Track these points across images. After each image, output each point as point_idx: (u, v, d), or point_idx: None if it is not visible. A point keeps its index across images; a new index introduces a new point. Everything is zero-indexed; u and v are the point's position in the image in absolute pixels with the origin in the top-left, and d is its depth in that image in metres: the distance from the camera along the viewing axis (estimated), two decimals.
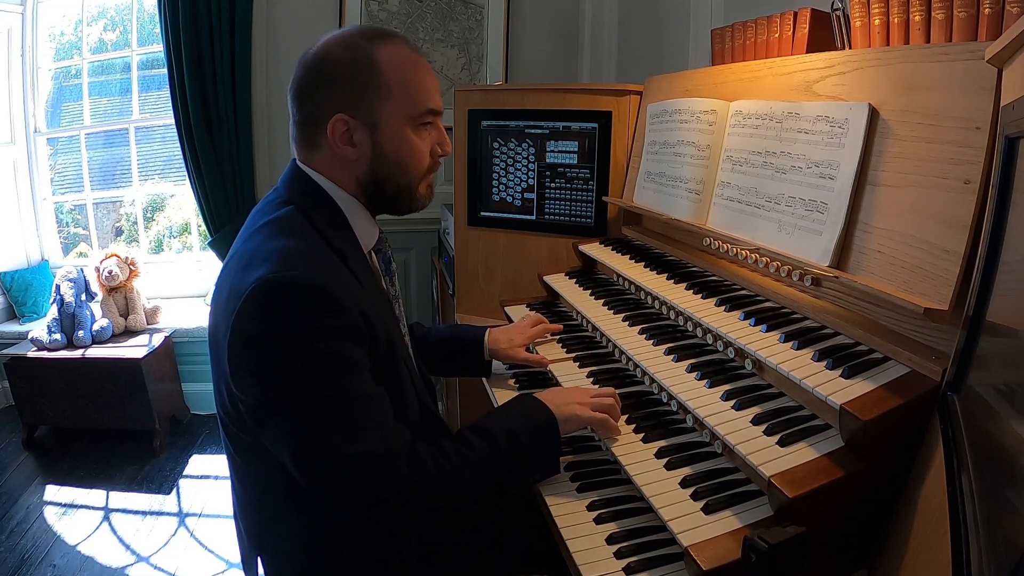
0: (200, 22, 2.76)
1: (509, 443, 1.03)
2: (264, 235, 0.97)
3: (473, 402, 2.02)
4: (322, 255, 0.96)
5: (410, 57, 1.01)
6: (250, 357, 0.90)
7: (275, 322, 0.88)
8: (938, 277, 0.92)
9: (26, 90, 3.27)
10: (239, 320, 0.89)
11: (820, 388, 0.93)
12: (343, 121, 0.98)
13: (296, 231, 0.97)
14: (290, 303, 0.88)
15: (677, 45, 2.41)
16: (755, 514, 0.91)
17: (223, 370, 0.94)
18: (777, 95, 1.30)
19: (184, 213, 3.64)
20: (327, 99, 0.98)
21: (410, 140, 1.02)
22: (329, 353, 0.90)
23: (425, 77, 1.02)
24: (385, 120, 0.99)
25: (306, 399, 0.89)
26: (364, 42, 0.99)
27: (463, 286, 2.16)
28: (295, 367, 0.89)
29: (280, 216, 0.99)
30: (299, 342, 0.88)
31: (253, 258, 0.93)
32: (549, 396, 1.14)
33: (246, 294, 0.88)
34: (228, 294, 0.93)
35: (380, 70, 0.97)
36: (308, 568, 1.07)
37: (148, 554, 2.20)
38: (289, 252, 0.92)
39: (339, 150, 1.00)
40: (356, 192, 1.05)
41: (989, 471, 0.63)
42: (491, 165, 2.04)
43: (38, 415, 2.88)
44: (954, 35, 1.02)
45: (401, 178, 1.04)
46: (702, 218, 1.47)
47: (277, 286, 0.88)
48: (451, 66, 3.18)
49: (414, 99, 1.00)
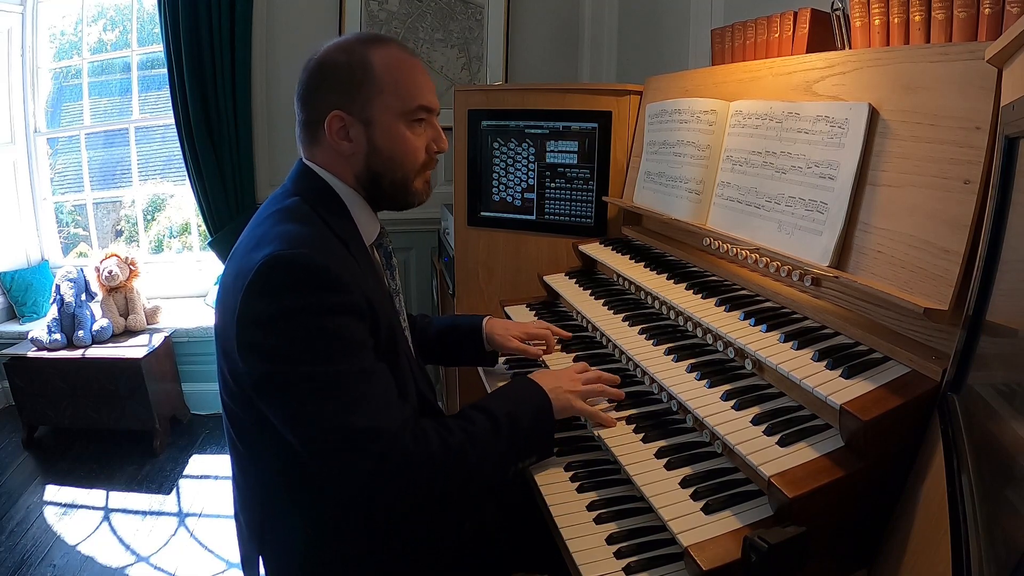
0: (200, 22, 2.76)
1: (510, 423, 1.06)
2: (271, 222, 1.02)
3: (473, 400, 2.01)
4: (326, 239, 1.00)
5: (403, 58, 1.07)
6: (257, 333, 0.93)
7: (282, 298, 0.92)
8: (938, 277, 0.92)
9: (26, 90, 3.27)
10: (247, 296, 0.93)
11: (820, 388, 0.93)
12: (339, 117, 1.04)
13: (302, 218, 1.02)
14: (296, 280, 0.92)
15: (677, 45, 2.41)
16: (755, 514, 0.91)
17: (230, 347, 0.97)
18: (777, 95, 1.30)
19: (184, 213, 3.65)
20: (326, 99, 1.04)
21: (404, 136, 1.07)
22: (334, 330, 0.93)
23: (418, 76, 1.08)
24: (379, 116, 1.05)
25: (311, 374, 0.92)
26: (360, 46, 1.05)
27: (463, 286, 2.16)
28: (301, 343, 0.92)
29: (286, 206, 1.05)
30: (305, 319, 0.92)
31: (260, 240, 0.97)
32: (544, 380, 1.17)
33: (254, 271, 0.92)
34: (236, 274, 0.97)
35: (374, 70, 1.03)
36: (309, 564, 1.07)
37: (148, 554, 2.20)
38: (295, 234, 0.97)
39: (336, 145, 1.06)
40: (355, 186, 1.09)
41: (989, 471, 0.63)
42: (491, 165, 2.04)
43: (38, 415, 2.88)
44: (954, 35, 1.02)
45: (396, 172, 1.08)
46: (702, 218, 1.47)
47: (284, 263, 0.92)
48: (451, 66, 3.18)
49: (406, 96, 1.05)
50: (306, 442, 0.94)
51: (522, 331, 1.46)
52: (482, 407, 1.08)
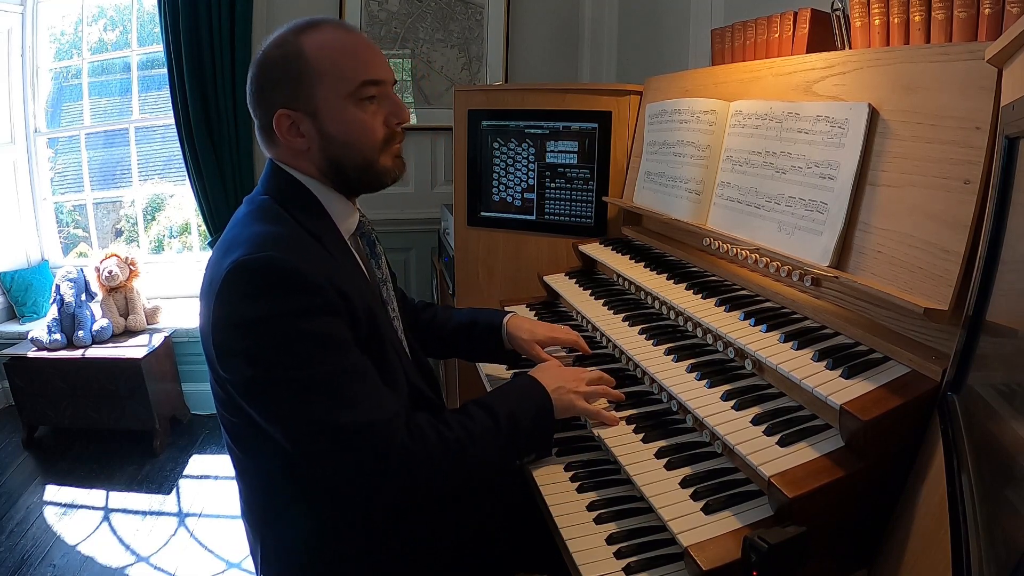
0: (200, 22, 2.76)
1: (510, 423, 1.06)
2: (241, 225, 1.01)
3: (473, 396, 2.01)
4: (296, 237, 0.99)
5: (338, 37, 1.02)
6: (233, 340, 0.93)
7: (252, 304, 0.91)
8: (938, 277, 0.92)
9: (26, 90, 3.27)
10: (218, 304, 0.92)
11: (820, 388, 0.93)
12: (286, 116, 1.01)
13: (270, 218, 1.01)
14: (264, 284, 0.91)
15: (677, 45, 2.41)
16: (755, 514, 0.91)
17: (210, 355, 0.97)
18: (777, 95, 1.30)
19: (184, 213, 3.65)
20: (269, 99, 1.02)
21: (354, 117, 1.02)
22: (309, 331, 0.92)
23: (359, 52, 1.03)
24: (324, 104, 1.01)
25: (293, 379, 0.91)
26: (292, 37, 1.01)
27: (463, 286, 2.16)
28: (278, 348, 0.91)
29: (256, 207, 1.04)
30: (278, 323, 0.91)
31: (230, 246, 0.96)
32: (546, 378, 1.16)
33: (222, 278, 0.92)
34: (209, 282, 0.97)
35: (307, 58, 0.99)
36: (310, 564, 1.07)
37: (148, 554, 2.20)
38: (262, 236, 0.95)
39: (291, 143, 1.03)
40: (321, 178, 1.07)
41: (989, 471, 0.63)
42: (491, 165, 2.04)
43: (38, 415, 2.88)
44: (954, 35, 1.02)
45: (356, 156, 1.05)
46: (702, 218, 1.47)
47: (250, 268, 0.91)
48: (451, 66, 3.18)
49: (347, 76, 1.01)
50: (297, 443, 0.94)
51: (549, 336, 1.39)
52: (483, 404, 1.08)
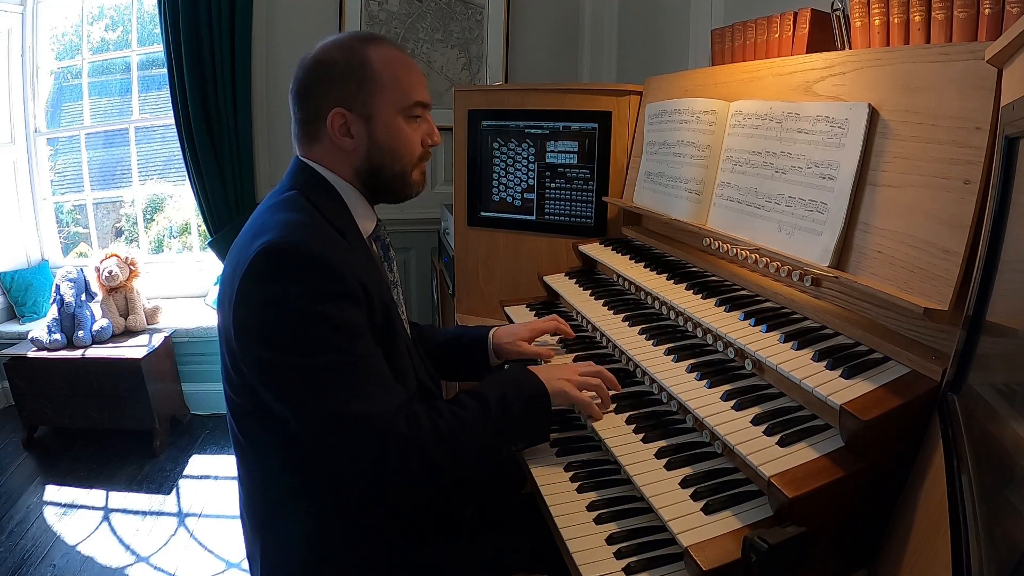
0: (200, 22, 2.76)
1: (501, 408, 1.07)
2: (269, 213, 1.05)
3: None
4: (322, 229, 1.03)
5: (399, 56, 1.11)
6: (255, 318, 0.95)
7: (278, 286, 0.94)
8: (938, 277, 0.92)
9: (26, 90, 3.27)
10: (244, 283, 0.95)
11: (820, 388, 0.93)
12: (341, 114, 1.07)
13: (299, 209, 1.04)
14: (292, 267, 0.95)
15: (677, 45, 2.41)
16: (755, 514, 0.91)
17: (231, 339, 0.98)
18: (777, 95, 1.30)
19: (184, 213, 3.65)
20: (326, 96, 1.07)
21: (402, 130, 1.11)
22: (331, 316, 0.95)
23: (413, 74, 1.12)
24: (379, 112, 1.08)
25: (310, 361, 0.94)
26: (357, 44, 1.09)
27: (463, 286, 2.16)
28: (297, 330, 0.94)
29: (284, 198, 1.07)
30: (301, 306, 0.94)
31: (259, 231, 1.00)
32: (540, 370, 1.18)
33: (250, 259, 0.94)
34: (235, 264, 1.00)
35: (373, 68, 1.07)
36: (310, 559, 1.08)
37: (148, 554, 2.20)
38: (291, 223, 0.99)
39: (338, 141, 1.09)
40: (353, 180, 1.13)
41: (989, 471, 0.63)
42: (491, 165, 2.04)
43: (38, 415, 2.88)
44: (954, 35, 1.02)
45: (395, 165, 1.12)
46: (702, 218, 1.47)
47: (280, 251, 0.95)
48: (451, 66, 3.18)
49: (404, 93, 1.10)
50: (306, 426, 0.96)
51: (529, 329, 1.44)
52: (474, 391, 1.10)
